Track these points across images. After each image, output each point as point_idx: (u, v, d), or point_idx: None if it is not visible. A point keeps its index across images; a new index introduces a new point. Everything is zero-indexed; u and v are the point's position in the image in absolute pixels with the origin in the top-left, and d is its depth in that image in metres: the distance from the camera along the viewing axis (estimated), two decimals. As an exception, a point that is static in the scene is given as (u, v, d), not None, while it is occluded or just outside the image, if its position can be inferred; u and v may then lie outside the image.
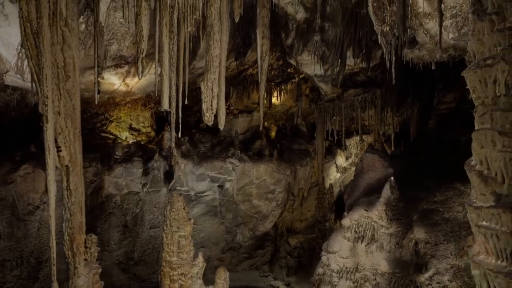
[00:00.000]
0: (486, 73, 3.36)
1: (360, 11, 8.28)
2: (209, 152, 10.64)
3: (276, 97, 12.95)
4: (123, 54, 9.10)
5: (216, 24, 5.63)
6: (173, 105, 5.62)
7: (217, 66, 5.67)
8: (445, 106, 10.86)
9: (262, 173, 10.76)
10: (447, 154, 8.90)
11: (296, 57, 9.22)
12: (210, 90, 5.64)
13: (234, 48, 10.44)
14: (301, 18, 8.33)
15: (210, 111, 5.70)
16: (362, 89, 10.93)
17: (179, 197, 5.48)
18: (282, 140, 11.94)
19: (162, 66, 5.47)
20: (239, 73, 11.87)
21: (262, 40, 6.34)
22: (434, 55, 8.06)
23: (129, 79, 9.80)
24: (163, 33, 5.40)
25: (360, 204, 7.52)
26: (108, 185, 9.31)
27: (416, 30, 7.15)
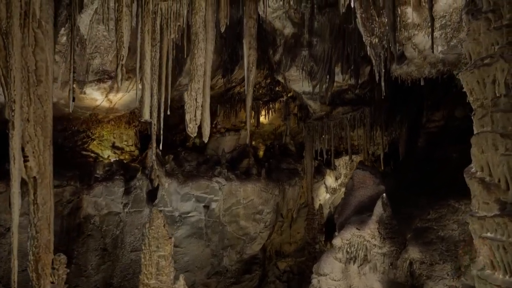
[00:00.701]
0: (485, 72, 3.17)
1: (348, 27, 8.23)
2: (194, 171, 10.26)
3: (264, 116, 12.76)
4: (106, 68, 8.83)
5: (201, 33, 5.42)
6: (154, 115, 5.31)
7: (201, 75, 5.42)
8: (434, 125, 10.79)
9: (250, 192, 10.38)
10: (438, 172, 8.72)
11: (284, 73, 9.08)
12: (194, 100, 5.37)
13: (221, 65, 10.29)
14: (288, 33, 8.23)
15: (193, 122, 5.40)
16: (350, 107, 10.82)
17: (159, 213, 5.09)
18: (270, 159, 11.65)
19: (143, 74, 5.20)
20: (226, 91, 11.69)
21: (249, 50, 6.16)
22: (422, 70, 7.99)
23: (112, 94, 9.50)
24: (145, 40, 5.16)
25: (351, 223, 7.20)
26: (87, 205, 8.81)
27: (405, 44, 7.08)
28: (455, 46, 6.22)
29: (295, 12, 7.95)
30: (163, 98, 5.43)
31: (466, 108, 10.18)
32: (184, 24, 5.57)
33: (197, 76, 5.39)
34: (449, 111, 10.39)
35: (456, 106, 10.10)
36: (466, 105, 10.18)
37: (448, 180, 8.11)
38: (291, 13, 7.93)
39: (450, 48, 6.34)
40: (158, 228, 5.06)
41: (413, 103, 11.66)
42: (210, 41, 5.65)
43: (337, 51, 8.33)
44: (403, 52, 7.51)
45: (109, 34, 8.00)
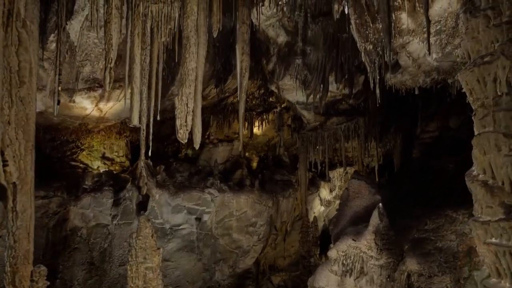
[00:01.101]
0: (485, 71, 3.06)
1: (342, 36, 8.20)
2: (186, 182, 10.02)
3: (257, 127, 12.62)
4: (96, 76, 8.66)
5: (192, 37, 5.30)
6: (143, 120, 5.14)
7: (192, 80, 5.27)
8: (428, 135, 10.72)
9: (243, 204, 10.14)
10: (433, 182, 8.60)
11: (278, 82, 8.99)
12: (185, 105, 5.21)
13: (214, 74, 10.18)
14: (282, 42, 8.17)
15: (184, 127, 5.23)
16: (345, 117, 10.74)
17: (147, 222, 4.86)
18: (264, 170, 11.46)
19: (132, 78, 5.05)
20: (219, 101, 11.56)
21: (241, 56, 6.05)
22: (417, 79, 7.94)
23: (102, 103, 9.30)
24: (135, 43, 5.03)
25: (347, 234, 6.99)
26: (74, 216, 8.51)
27: (399, 53, 7.03)
28: (450, 53, 6.17)
29: (289, 21, 7.90)
30: (152, 103, 5.26)
31: (460, 118, 10.20)
32: (176, 28, 5.47)
33: (188, 80, 5.24)
34: (443, 122, 10.35)
35: (450, 116, 10.07)
36: (460, 115, 10.20)
37: (444, 190, 7.99)
38: (284, 22, 7.88)
39: (445, 55, 6.29)
40: (146, 238, 4.81)
41: (407, 114, 11.62)
42: (202, 45, 5.52)
43: (331, 60, 8.27)
44: (397, 60, 7.47)
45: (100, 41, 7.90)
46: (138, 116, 5.10)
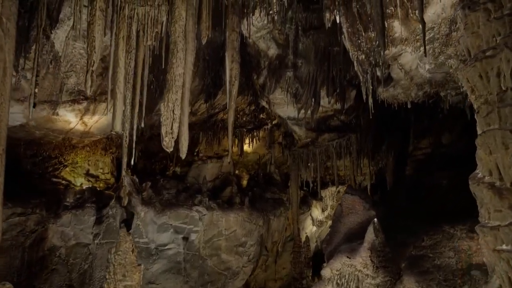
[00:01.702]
0: (488, 65, 2.89)
1: (333, 49, 8.13)
2: (173, 199, 9.63)
3: (248, 144, 12.37)
4: (82, 89, 8.38)
5: (180, 42, 5.11)
6: (126, 127, 4.85)
7: (179, 86, 5.05)
8: (421, 152, 10.59)
9: (232, 223, 9.76)
10: (428, 198, 8.38)
11: (269, 96, 8.83)
12: (171, 111, 4.96)
13: (203, 89, 10.00)
14: (273, 54, 8.06)
15: (170, 135, 4.95)
16: (336, 133, 10.57)
17: (127, 236, 4.50)
18: (254, 188, 11.13)
19: (116, 83, 4.80)
20: (209, 117, 11.34)
21: (231, 64, 5.88)
22: (409, 93, 7.85)
23: (87, 117, 8.99)
24: (119, 46, 4.81)
25: (341, 252, 6.66)
26: (53, 235, 8.03)
27: (391, 65, 6.95)
28: (443, 63, 6.09)
29: (279, 33, 7.82)
30: (137, 109, 5.00)
31: (452, 135, 10.11)
32: (163, 33, 5.29)
33: (175, 86, 5.01)
34: (435, 138, 10.25)
35: (443, 133, 9.98)
36: (452, 131, 10.12)
37: (440, 206, 7.77)
38: (275, 34, 7.80)
39: (438, 66, 6.20)
40: (126, 253, 4.44)
41: (399, 131, 11.53)
42: (191, 52, 5.33)
43: (322, 74, 8.16)
44: (389, 73, 7.39)
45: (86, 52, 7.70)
46: (121, 122, 4.82)
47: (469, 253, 6.24)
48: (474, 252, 6.19)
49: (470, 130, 9.45)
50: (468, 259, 6.26)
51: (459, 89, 7.26)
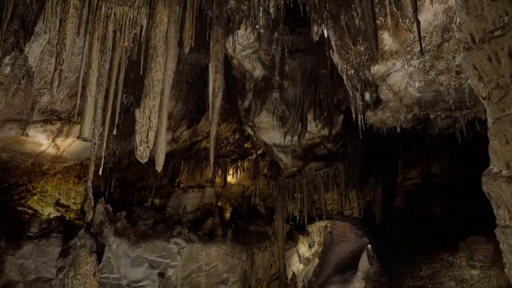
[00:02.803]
0: (497, 45, 2.62)
1: (320, 72, 7.99)
2: (150, 231, 8.88)
3: (232, 175, 11.86)
4: (56, 108, 7.91)
5: (160, 47, 4.81)
6: (96, 133, 4.37)
7: (158, 92, 4.66)
8: (410, 182, 10.26)
9: (214, 257, 9.00)
10: (421, 227, 7.94)
11: (254, 120, 8.49)
12: (147, 119, 4.53)
13: (186, 114, 9.64)
14: (259, 76, 7.84)
15: (145, 144, 4.48)
16: (323, 163, 10.21)
17: (89, 257, 3.86)
18: (238, 220, 10.48)
19: (87, 85, 4.38)
20: (191, 145, 10.90)
21: (215, 75, 5.56)
22: (398, 116, 7.64)
23: (60, 139, 8.42)
24: (93, 47, 4.45)
25: (332, 283, 6.05)
26: (10, 268, 7.14)
27: (379, 86, 6.77)
28: (433, 81, 5.92)
29: (265, 54, 7.65)
30: (109, 114, 4.55)
31: (442, 163, 9.88)
32: (143, 38, 4.98)
33: (153, 92, 4.62)
34: (424, 168, 9.98)
35: (432, 162, 9.74)
36: (441, 160, 9.89)
37: (436, 234, 7.33)
38: (261, 55, 7.62)
39: (428, 83, 6.03)
40: (86, 277, 3.81)
41: (387, 162, 11.28)
42: (172, 59, 5.02)
43: (309, 96, 7.94)
44: (378, 95, 7.21)
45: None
46: (90, 128, 4.34)
47: (471, 283, 5.74)
48: (476, 282, 5.69)
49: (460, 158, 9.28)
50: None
51: (449, 110, 7.12)
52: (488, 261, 5.41)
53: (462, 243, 5.72)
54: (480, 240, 5.50)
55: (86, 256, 3.94)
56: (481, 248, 5.47)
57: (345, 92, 8.19)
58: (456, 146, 8.84)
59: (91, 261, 3.91)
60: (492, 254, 5.37)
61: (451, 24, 4.52)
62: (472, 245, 5.59)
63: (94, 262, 3.90)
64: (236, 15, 6.10)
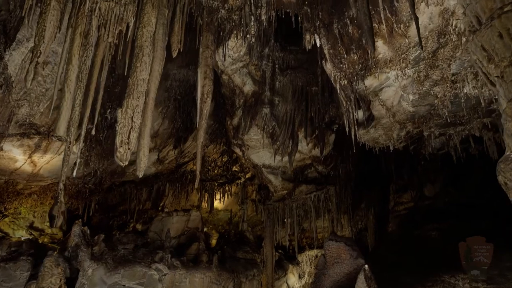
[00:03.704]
0: (509, 20, 2.45)
1: (311, 89, 7.86)
2: (130, 255, 8.26)
3: (219, 199, 11.39)
4: (34, 121, 7.50)
5: (147, 47, 4.57)
6: (72, 132, 4.01)
7: (142, 92, 4.37)
8: (403, 207, 9.97)
9: (198, 284, 8.36)
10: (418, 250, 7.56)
11: (243, 138, 8.21)
12: (130, 119, 4.20)
13: (173, 133, 9.32)
14: (249, 91, 7.65)
15: (126, 146, 4.12)
16: (314, 186, 9.88)
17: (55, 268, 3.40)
18: (225, 246, 9.91)
19: (66, 81, 4.07)
20: (177, 167, 10.49)
21: (204, 80, 5.32)
22: (391, 134, 7.47)
23: (37, 155, 7.95)
24: (75, 42, 4.19)
25: (327, 308, 5.55)
26: (-30, 294, 6.43)
27: (372, 101, 6.64)
28: (427, 93, 5.79)
29: (256, 69, 7.52)
30: (88, 112, 4.21)
31: (435, 186, 9.65)
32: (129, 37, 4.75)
33: (137, 92, 4.33)
34: (417, 191, 9.74)
35: (425, 185, 9.51)
36: (434, 182, 9.67)
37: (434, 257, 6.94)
38: (251, 70, 7.48)
39: (422, 96, 5.90)
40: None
41: (378, 187, 11.02)
42: (159, 61, 4.77)
43: (300, 113, 7.75)
44: (371, 112, 7.06)
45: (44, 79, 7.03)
46: (66, 126, 3.98)
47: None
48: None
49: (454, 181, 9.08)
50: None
51: (443, 127, 6.98)
52: (488, 261, 5.23)
53: (462, 243, 5.60)
54: (480, 240, 5.38)
55: (51, 267, 3.47)
56: (481, 248, 5.36)
57: (337, 109, 8.07)
58: (450, 168, 8.68)
59: (57, 273, 3.43)
60: (492, 254, 5.21)
61: (447, 27, 4.42)
62: (472, 245, 5.42)
63: (61, 274, 3.41)
64: (227, 24, 5.98)
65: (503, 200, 6.25)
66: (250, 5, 5.73)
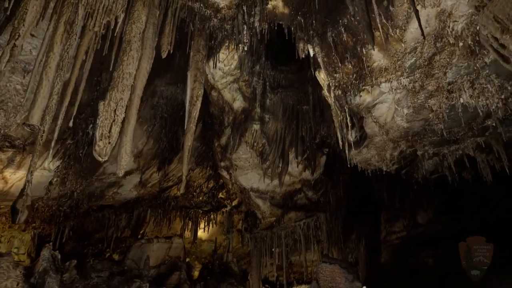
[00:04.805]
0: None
1: (302, 108, 7.72)
2: (103, 284, 7.53)
3: (203, 228, 10.80)
4: (9, 133, 7.04)
5: (135, 42, 4.36)
6: (46, 121, 3.64)
7: (127, 86, 4.09)
8: (395, 236, 9.60)
9: (177, 318, 7.62)
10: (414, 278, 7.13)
11: (231, 157, 7.89)
12: (112, 112, 3.88)
13: (158, 153, 8.92)
14: (239, 108, 7.44)
15: (106, 140, 3.77)
16: (304, 213, 9.47)
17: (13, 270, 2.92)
18: (208, 277, 9.21)
19: (45, 68, 3.77)
20: (160, 192, 9.96)
21: (193, 83, 5.07)
22: (384, 154, 7.29)
23: (10, 171, 7.38)
24: (58, 30, 3.94)
25: (322, 336, 5.00)
26: None
27: (365, 118, 6.51)
28: (422, 106, 5.68)
29: (246, 86, 7.36)
30: (66, 102, 3.87)
31: (428, 213, 9.36)
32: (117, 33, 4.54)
33: (122, 85, 4.05)
34: (409, 219, 9.42)
35: (418, 212, 9.22)
36: (427, 209, 9.39)
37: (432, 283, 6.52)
38: (242, 86, 7.32)
39: (417, 110, 5.78)
40: None
41: (369, 217, 10.67)
42: (147, 59, 4.55)
43: (290, 132, 7.54)
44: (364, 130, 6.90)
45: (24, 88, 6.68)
46: (41, 114, 3.61)
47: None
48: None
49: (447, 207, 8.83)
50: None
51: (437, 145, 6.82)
52: (488, 261, 5.03)
53: (462, 243, 5.42)
54: (480, 240, 5.20)
55: (8, 268, 2.96)
56: (481, 248, 5.18)
57: (328, 128, 7.89)
58: (443, 192, 8.47)
59: (15, 275, 2.93)
60: (492, 255, 5.03)
61: (444, 29, 4.36)
62: (472, 245, 5.23)
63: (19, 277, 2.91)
64: (219, 33, 5.87)
65: (498, 224, 6.07)
66: (243, 14, 5.66)
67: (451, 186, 7.75)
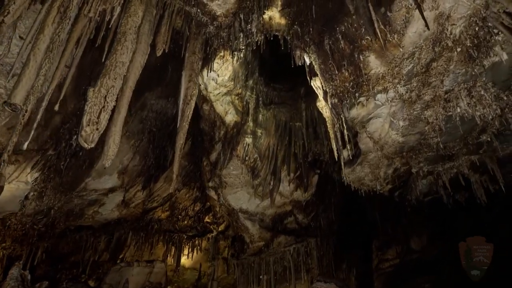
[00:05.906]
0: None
1: (294, 124, 7.61)
2: (76, 309, 6.88)
3: (186, 255, 10.23)
4: (-13, 139, 6.67)
5: (130, 34, 4.25)
6: (30, 102, 3.37)
7: (120, 74, 3.91)
8: (388, 264, 9.23)
9: None
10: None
11: (221, 173, 7.61)
12: (103, 98, 3.65)
13: (143, 171, 8.56)
14: (231, 121, 7.28)
15: (94, 126, 3.51)
16: (294, 237, 9.10)
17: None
18: (191, 305, 8.57)
19: (34, 49, 3.56)
20: (144, 213, 9.48)
21: (188, 83, 4.90)
22: (377, 172, 7.14)
23: (-17, 181, 6.89)
24: (50, 14, 3.78)
25: None
26: None
27: (359, 133, 6.43)
28: (418, 118, 5.62)
29: (239, 100, 7.26)
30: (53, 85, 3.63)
31: (422, 238, 9.09)
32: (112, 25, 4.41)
33: (114, 73, 3.87)
34: (403, 246, 9.12)
35: (411, 237, 8.94)
36: (421, 235, 9.13)
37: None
38: (234, 99, 7.20)
39: (412, 122, 5.72)
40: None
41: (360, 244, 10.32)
42: (142, 53, 4.42)
43: (283, 149, 7.37)
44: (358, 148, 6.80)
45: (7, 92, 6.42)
46: (25, 95, 3.35)
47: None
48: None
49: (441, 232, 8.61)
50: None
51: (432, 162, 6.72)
52: (488, 261, 4.85)
53: (462, 243, 5.31)
54: (480, 240, 5.05)
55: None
56: (481, 248, 4.99)
57: (321, 146, 7.75)
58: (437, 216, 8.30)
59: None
60: (492, 255, 4.86)
61: (443, 33, 4.39)
62: (472, 245, 5.05)
63: None
64: (215, 40, 5.82)
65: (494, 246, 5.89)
66: (240, 22, 5.65)
67: (445, 209, 7.59)
